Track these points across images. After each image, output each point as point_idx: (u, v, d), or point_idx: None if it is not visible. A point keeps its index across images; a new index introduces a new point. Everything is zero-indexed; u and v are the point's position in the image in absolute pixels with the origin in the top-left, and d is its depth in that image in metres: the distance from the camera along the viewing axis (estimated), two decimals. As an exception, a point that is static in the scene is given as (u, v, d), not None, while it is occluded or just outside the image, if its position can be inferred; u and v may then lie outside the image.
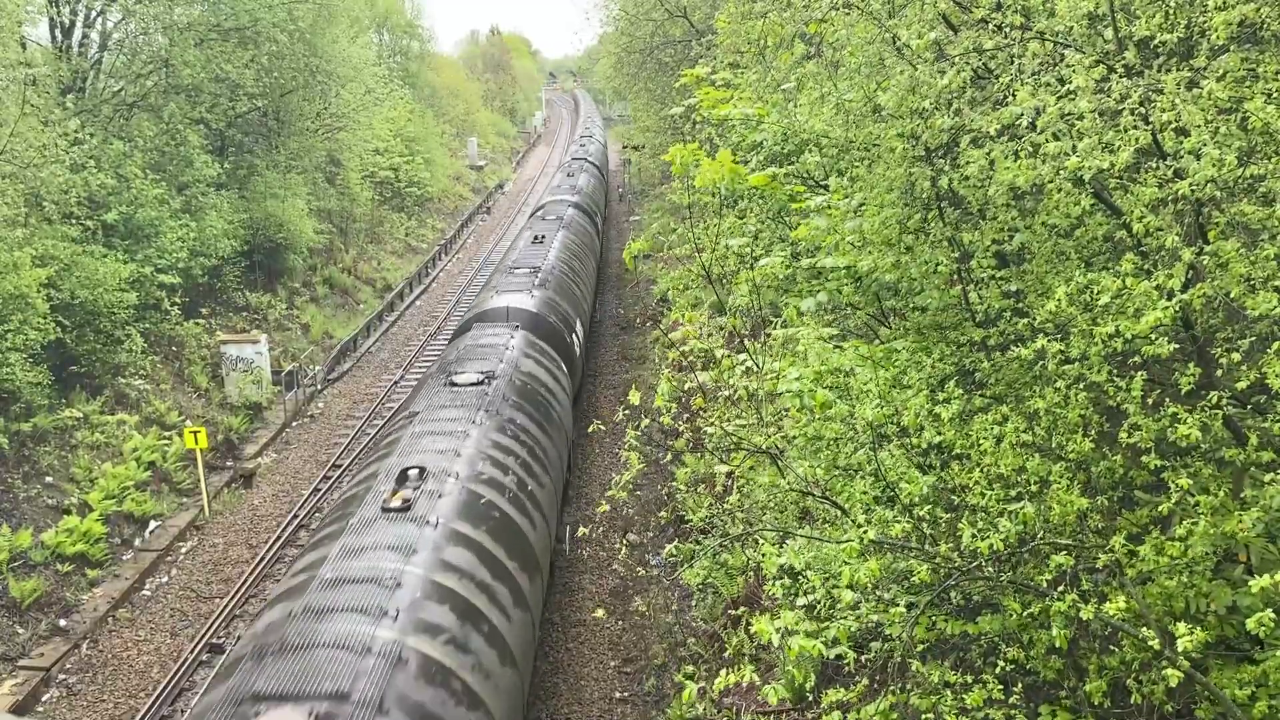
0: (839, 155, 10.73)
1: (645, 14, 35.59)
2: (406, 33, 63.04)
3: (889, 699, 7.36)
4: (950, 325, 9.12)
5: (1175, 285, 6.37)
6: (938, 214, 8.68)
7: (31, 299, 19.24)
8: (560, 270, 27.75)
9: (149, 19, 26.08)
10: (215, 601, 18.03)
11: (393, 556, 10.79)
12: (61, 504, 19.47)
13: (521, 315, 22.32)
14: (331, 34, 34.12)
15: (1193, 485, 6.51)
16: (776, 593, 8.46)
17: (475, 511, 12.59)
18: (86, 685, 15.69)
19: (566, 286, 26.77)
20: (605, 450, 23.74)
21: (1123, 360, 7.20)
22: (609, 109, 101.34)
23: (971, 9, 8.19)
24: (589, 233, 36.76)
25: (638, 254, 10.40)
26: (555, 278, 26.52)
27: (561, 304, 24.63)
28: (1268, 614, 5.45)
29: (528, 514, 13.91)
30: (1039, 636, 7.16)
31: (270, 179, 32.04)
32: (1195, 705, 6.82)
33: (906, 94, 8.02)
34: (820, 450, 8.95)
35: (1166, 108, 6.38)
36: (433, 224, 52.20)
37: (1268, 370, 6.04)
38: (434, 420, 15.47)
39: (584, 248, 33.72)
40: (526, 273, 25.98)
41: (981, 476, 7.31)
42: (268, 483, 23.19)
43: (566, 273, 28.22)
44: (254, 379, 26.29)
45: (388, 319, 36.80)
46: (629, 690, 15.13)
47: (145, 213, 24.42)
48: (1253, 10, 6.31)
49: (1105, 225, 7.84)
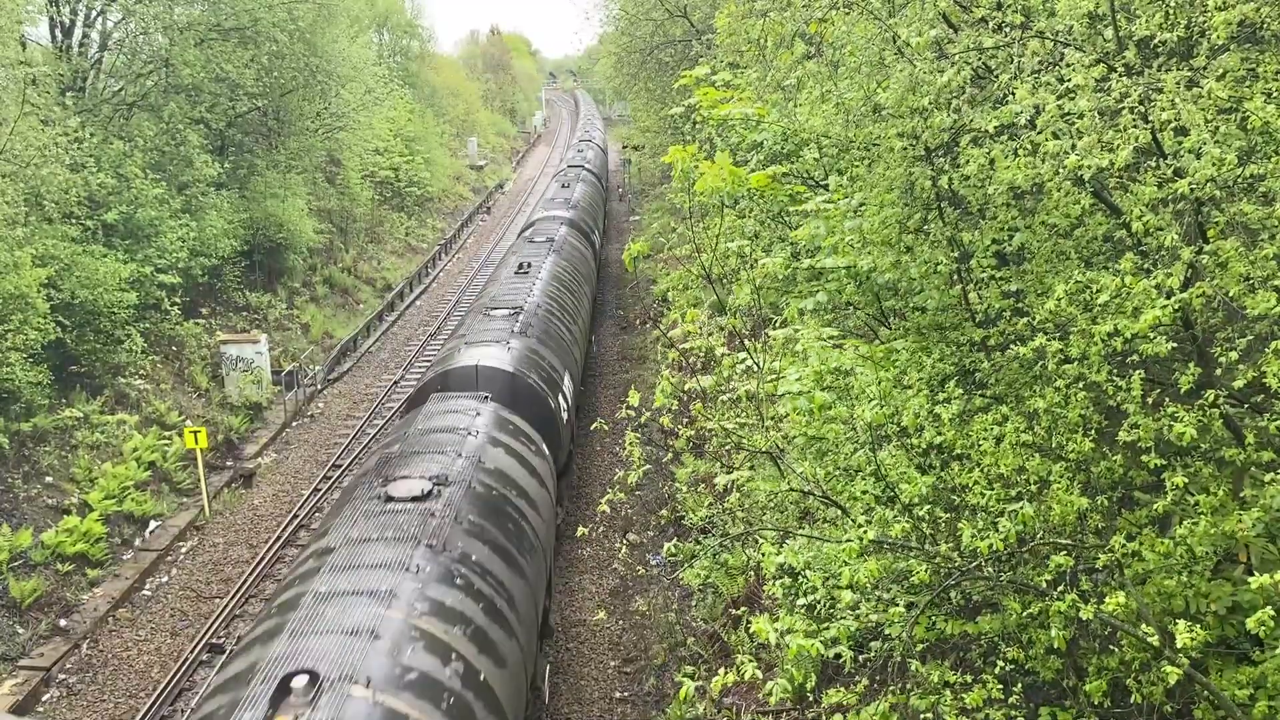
0: (839, 155, 10.73)
1: (645, 14, 35.58)
2: (406, 32, 63.04)
3: (889, 699, 7.35)
4: (950, 325, 9.12)
5: (1175, 284, 6.37)
6: (938, 213, 8.67)
7: (31, 299, 19.25)
8: (547, 309, 23.12)
9: (149, 19, 26.07)
10: (215, 601, 18.03)
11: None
12: (61, 504, 19.47)
13: (494, 379, 17.88)
14: (331, 34, 34.11)
15: (1192, 485, 6.51)
16: (776, 592, 8.46)
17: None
18: (86, 685, 15.69)
19: (554, 331, 22.14)
20: (605, 449, 23.75)
21: (1122, 360, 7.19)
22: (609, 109, 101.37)
23: (972, 8, 8.20)
24: (584, 256, 31.53)
25: (637, 255, 10.38)
26: (540, 320, 21.87)
27: (546, 358, 20.05)
28: (1267, 613, 5.44)
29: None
30: (1039, 636, 7.16)
31: (270, 179, 32.04)
32: (1195, 705, 6.82)
33: (906, 93, 8.02)
34: (821, 451, 8.95)
35: (1166, 107, 6.38)
36: (433, 224, 52.20)
37: (1267, 370, 6.04)
38: (349, 568, 10.36)
39: (577, 275, 28.50)
40: (505, 315, 21.41)
41: (981, 476, 7.32)
42: (268, 483, 23.19)
43: (555, 311, 23.41)
44: (254, 379, 26.29)
45: (388, 319, 36.79)
46: (629, 690, 15.14)
47: (145, 213, 24.42)
48: (1253, 10, 6.31)
49: (1105, 225, 7.83)
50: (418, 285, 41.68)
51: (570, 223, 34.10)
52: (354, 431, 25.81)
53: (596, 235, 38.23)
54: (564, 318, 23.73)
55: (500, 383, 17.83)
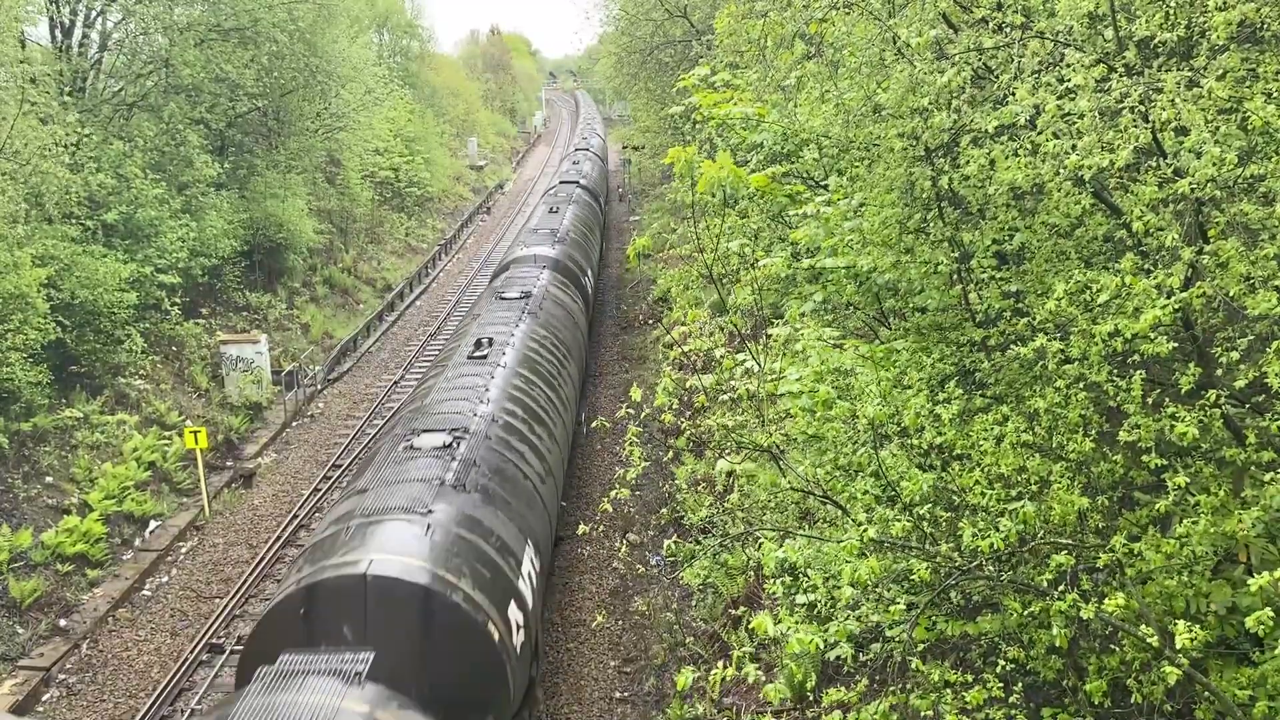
0: (839, 155, 10.73)
1: (645, 14, 35.59)
2: (406, 33, 63.03)
3: (889, 699, 7.36)
4: (950, 325, 9.12)
5: (1175, 284, 6.37)
6: (938, 214, 8.68)
7: (32, 299, 19.25)
8: (505, 426, 18.98)
9: (148, 19, 26.08)
10: (215, 601, 18.02)
11: None
12: (61, 504, 19.47)
13: (394, 607, 10.31)
14: (331, 34, 34.11)
15: (1192, 485, 6.51)
16: (777, 591, 8.46)
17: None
18: (86, 685, 15.69)
19: (512, 475, 16.16)
20: (606, 448, 23.74)
21: (1122, 360, 7.20)
22: (609, 109, 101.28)
23: (972, 8, 8.20)
24: (570, 315, 24.97)
25: (640, 251, 10.39)
26: (491, 456, 15.65)
27: (495, 535, 15.64)
28: (1267, 612, 5.45)
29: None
30: (1039, 636, 7.17)
31: (270, 179, 32.04)
32: (1195, 705, 6.83)
33: (907, 93, 8.02)
34: (822, 450, 8.96)
35: (1166, 107, 6.38)
36: (433, 224, 52.20)
37: (1267, 369, 6.04)
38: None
39: (558, 353, 21.49)
40: (436, 453, 17.48)
41: (982, 476, 7.32)
42: (268, 483, 23.19)
43: (519, 429, 16.69)
44: (254, 379, 26.29)
45: (388, 319, 36.80)
46: (629, 690, 15.14)
47: (145, 212, 24.43)
48: (1253, 10, 6.31)
49: (1105, 225, 7.84)
50: (417, 285, 41.69)
51: (555, 265, 26.86)
52: (354, 432, 25.81)
53: (590, 275, 30.34)
54: (532, 441, 15.73)
55: (403, 617, 10.16)
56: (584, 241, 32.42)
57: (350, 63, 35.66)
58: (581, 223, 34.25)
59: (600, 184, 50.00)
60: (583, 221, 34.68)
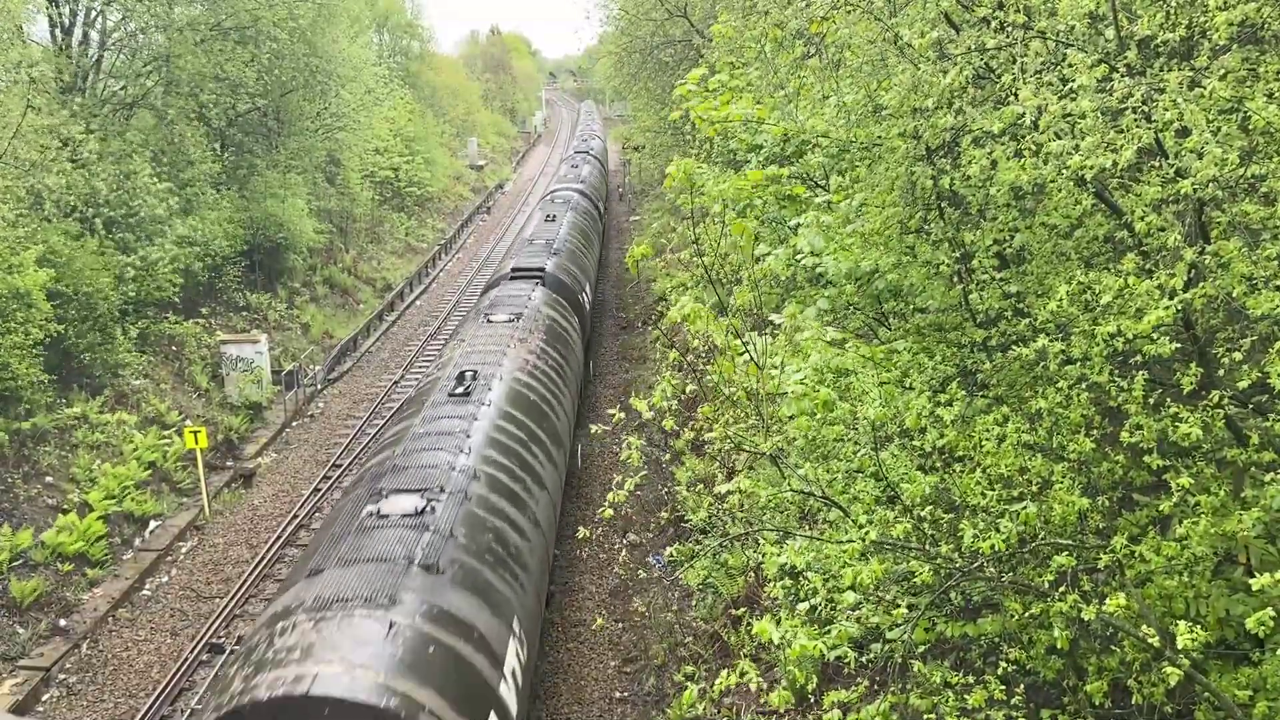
0: (840, 155, 10.71)
1: (645, 14, 35.57)
2: (406, 32, 63.05)
3: (889, 699, 7.35)
4: (951, 326, 9.12)
5: (1177, 285, 6.36)
6: (938, 214, 8.67)
7: (34, 299, 19.26)
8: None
9: (148, 18, 26.07)
10: (215, 601, 18.02)
11: None
12: (61, 504, 19.45)
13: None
14: (331, 33, 34.11)
15: (1193, 485, 6.50)
16: (777, 594, 8.45)
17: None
18: (86, 685, 15.68)
19: (483, 584, 12.91)
20: (605, 450, 23.73)
21: (1124, 360, 7.19)
22: (609, 109, 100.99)
23: (973, 8, 8.18)
24: (564, 358, 21.86)
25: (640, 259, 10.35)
26: (462, 565, 12.66)
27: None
28: (1267, 613, 5.44)
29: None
30: (1039, 637, 7.16)
31: (270, 179, 32.04)
32: (1195, 706, 6.82)
33: (908, 93, 8.01)
34: (823, 454, 8.94)
35: (1168, 107, 6.38)
36: (433, 224, 52.19)
37: (1269, 370, 6.03)
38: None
39: (550, 414, 18.16)
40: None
41: (983, 477, 7.31)
42: (268, 482, 23.18)
43: (495, 531, 13.10)
44: (254, 379, 26.27)
45: (388, 319, 36.79)
46: (629, 690, 15.13)
47: (146, 211, 24.42)
48: (1254, 10, 6.31)
49: (1106, 225, 7.84)
50: (417, 285, 41.68)
51: (549, 281, 24.92)
52: (354, 431, 25.80)
53: (588, 290, 28.32)
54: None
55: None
56: (582, 251, 30.78)
57: (350, 62, 35.66)
58: (579, 231, 32.81)
59: (599, 187, 48.39)
60: (580, 230, 33.22)
